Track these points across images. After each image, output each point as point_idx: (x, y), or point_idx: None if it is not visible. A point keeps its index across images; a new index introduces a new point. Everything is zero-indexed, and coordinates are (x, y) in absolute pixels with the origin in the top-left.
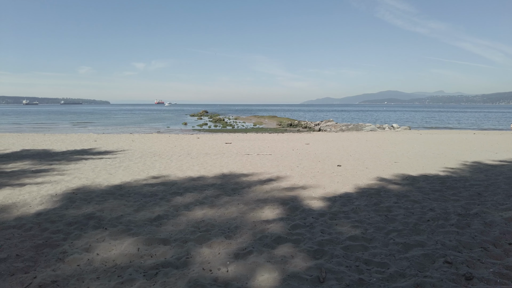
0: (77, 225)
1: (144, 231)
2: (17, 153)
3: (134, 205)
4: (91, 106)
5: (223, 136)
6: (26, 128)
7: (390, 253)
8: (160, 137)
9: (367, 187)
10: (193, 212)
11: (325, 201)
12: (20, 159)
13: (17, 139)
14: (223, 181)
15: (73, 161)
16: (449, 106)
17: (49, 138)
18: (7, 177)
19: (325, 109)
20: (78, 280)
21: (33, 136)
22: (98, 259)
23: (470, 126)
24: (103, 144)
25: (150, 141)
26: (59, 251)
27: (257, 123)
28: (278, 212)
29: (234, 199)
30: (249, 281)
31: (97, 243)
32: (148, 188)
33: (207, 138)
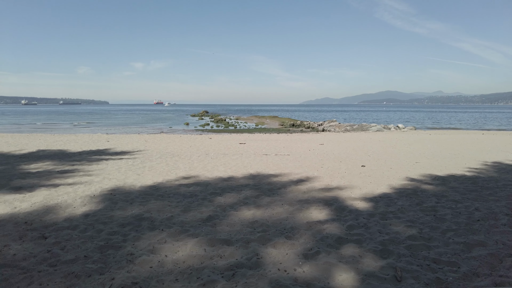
0: (130, 227)
1: (202, 232)
2: (34, 154)
3: (179, 206)
4: (90, 106)
5: (234, 137)
6: (30, 129)
7: (455, 252)
8: (172, 138)
9: (401, 187)
10: (241, 212)
11: (367, 201)
12: (40, 160)
13: (28, 139)
14: (255, 182)
15: (94, 162)
16: (449, 106)
17: (60, 138)
18: (36, 177)
19: (324, 109)
20: (158, 282)
21: (43, 136)
22: (168, 261)
23: (473, 127)
24: (117, 144)
25: (163, 141)
26: (125, 252)
27: (259, 123)
28: (326, 213)
29: (275, 200)
30: (329, 280)
31: (159, 244)
32: (184, 188)
33: (220, 139)
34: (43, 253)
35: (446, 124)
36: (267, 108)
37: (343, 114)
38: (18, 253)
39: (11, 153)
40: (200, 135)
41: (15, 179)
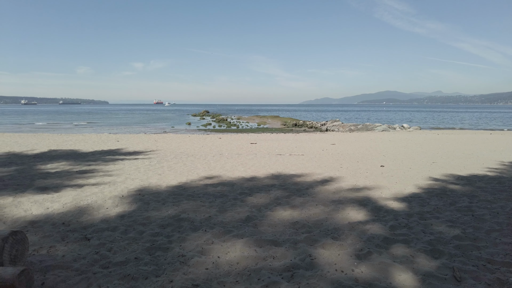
0: (171, 228)
1: (246, 233)
2: (46, 154)
3: (213, 206)
4: (90, 106)
5: (243, 137)
6: (35, 129)
7: (506, 252)
8: (181, 138)
9: (429, 187)
10: (278, 212)
11: (400, 201)
12: (54, 160)
13: (37, 139)
14: (280, 182)
15: (110, 162)
16: (449, 106)
17: (69, 138)
18: (57, 177)
19: (325, 109)
20: (219, 284)
21: (51, 136)
22: (222, 262)
23: (476, 127)
24: (128, 144)
25: (173, 141)
26: (175, 254)
27: (261, 123)
28: (364, 214)
29: (308, 200)
30: (390, 280)
31: (207, 245)
32: (211, 188)
33: (230, 139)
34: (91, 254)
35: (449, 124)
36: (267, 108)
37: (344, 114)
38: (66, 255)
39: (24, 153)
40: (208, 135)
41: (37, 179)
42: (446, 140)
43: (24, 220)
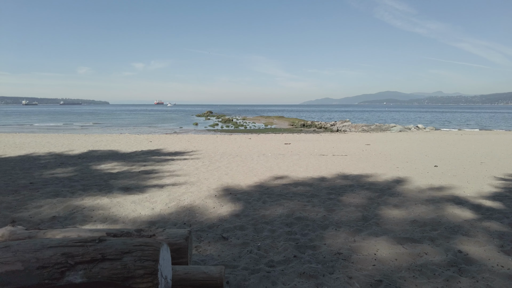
0: (299, 226)
1: (378, 231)
2: (89, 154)
3: (316, 205)
4: (91, 106)
5: (273, 137)
6: (47, 129)
7: None
8: (210, 138)
9: (505, 186)
10: (387, 211)
11: (492, 200)
12: (103, 160)
13: (67, 139)
14: (354, 182)
15: (162, 162)
16: (451, 106)
17: (98, 138)
18: (126, 178)
19: (327, 109)
20: (400, 279)
21: (78, 136)
22: (383, 259)
23: (496, 127)
24: (163, 144)
25: (206, 142)
26: (328, 252)
27: (268, 123)
28: (469, 212)
29: (403, 200)
30: None
31: (352, 243)
32: (293, 188)
33: (260, 139)
34: (246, 253)
35: (458, 124)
36: (268, 109)
37: (347, 114)
38: (220, 254)
39: (66, 154)
40: (231, 135)
41: (110, 180)
42: (475, 140)
43: (141, 220)
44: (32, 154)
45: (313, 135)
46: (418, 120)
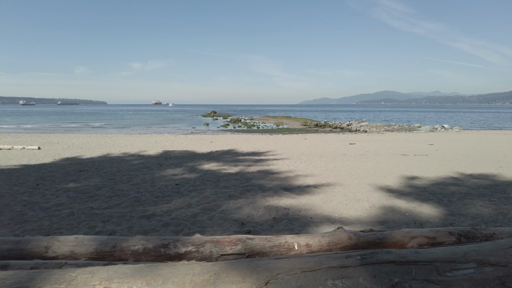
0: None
1: None
2: (169, 154)
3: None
4: (89, 106)
5: (326, 137)
6: (71, 130)
7: None
8: (263, 139)
9: None
10: None
11: None
12: (196, 161)
13: (119, 140)
14: (492, 181)
15: (261, 162)
16: (451, 106)
17: (152, 139)
18: (264, 179)
19: (329, 109)
20: None
21: (126, 137)
22: None
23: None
24: (230, 145)
25: (263, 141)
26: None
27: (278, 123)
28: None
29: None
30: None
31: None
32: (453, 187)
33: (316, 139)
34: None
35: (470, 124)
36: (268, 108)
37: (350, 114)
38: None
39: (143, 154)
40: (272, 135)
41: (251, 181)
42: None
43: (355, 220)
44: (111, 155)
45: (355, 135)
46: (427, 120)
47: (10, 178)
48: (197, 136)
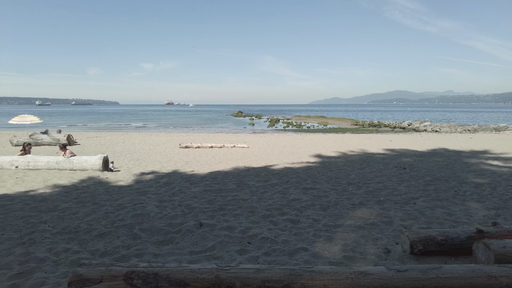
0: None
1: None
2: (434, 153)
3: None
4: (105, 106)
5: (440, 137)
6: (133, 129)
7: None
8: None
9: None
10: None
11: None
12: None
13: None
14: None
15: None
16: (469, 106)
17: (281, 138)
18: None
19: (353, 109)
20: None
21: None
22: None
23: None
24: (416, 145)
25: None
26: None
27: (321, 123)
28: None
29: None
30: None
31: None
32: None
33: (438, 138)
34: None
35: None
36: (284, 108)
37: (374, 114)
38: None
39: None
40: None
41: None
42: None
43: None
44: (349, 154)
45: (443, 136)
46: (471, 120)
47: None
48: (298, 136)
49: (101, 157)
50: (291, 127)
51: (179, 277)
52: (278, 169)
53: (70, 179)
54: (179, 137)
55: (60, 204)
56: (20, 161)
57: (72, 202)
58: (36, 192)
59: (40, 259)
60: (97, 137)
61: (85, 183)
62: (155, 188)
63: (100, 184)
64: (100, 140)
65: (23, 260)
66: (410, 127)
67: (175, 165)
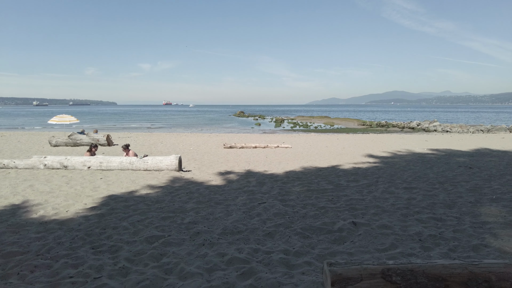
0: None
1: None
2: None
3: None
4: (100, 107)
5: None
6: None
7: None
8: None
9: None
10: None
11: None
12: None
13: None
14: None
15: None
16: (468, 106)
17: (313, 138)
18: None
19: (353, 109)
20: None
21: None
22: None
23: None
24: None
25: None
26: None
27: (327, 123)
28: None
29: None
30: None
31: None
32: None
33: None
34: None
35: None
36: (284, 109)
37: (373, 114)
38: None
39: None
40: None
41: None
42: None
43: None
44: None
45: (459, 136)
46: (474, 120)
47: None
48: (328, 136)
49: (176, 157)
50: (298, 127)
51: (434, 272)
52: (349, 169)
53: (156, 180)
54: (208, 138)
55: (183, 205)
56: (92, 162)
57: (192, 202)
58: (139, 192)
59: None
60: (129, 137)
61: (176, 183)
62: (253, 187)
63: (193, 183)
64: (134, 140)
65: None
66: (419, 127)
67: (242, 165)
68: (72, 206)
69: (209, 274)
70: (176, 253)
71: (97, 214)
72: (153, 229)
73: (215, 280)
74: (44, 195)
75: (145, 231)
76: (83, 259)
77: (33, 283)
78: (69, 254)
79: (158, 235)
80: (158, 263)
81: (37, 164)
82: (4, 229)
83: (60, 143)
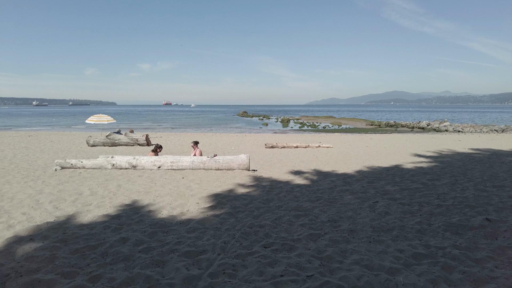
0: None
1: None
2: None
3: None
4: (100, 107)
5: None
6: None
7: None
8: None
9: None
10: None
11: None
12: None
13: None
14: None
15: None
16: (467, 106)
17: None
18: None
19: (353, 109)
20: None
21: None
22: None
23: None
24: None
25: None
26: None
27: (335, 123)
28: None
29: None
30: None
31: None
32: None
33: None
34: None
35: None
36: (284, 109)
37: (373, 115)
38: None
39: None
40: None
41: None
42: None
43: None
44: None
45: (475, 136)
46: (477, 120)
47: None
48: (359, 136)
49: (247, 156)
50: (306, 127)
51: None
52: (413, 168)
53: (240, 178)
54: (242, 138)
55: (300, 204)
56: (162, 161)
57: (304, 201)
58: (238, 191)
59: None
60: (161, 137)
61: (262, 182)
62: (342, 186)
63: (279, 182)
64: (166, 140)
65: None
66: (429, 127)
67: (301, 164)
68: (186, 206)
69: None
70: (354, 250)
71: (227, 212)
72: (309, 228)
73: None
74: (144, 195)
75: (304, 229)
76: (271, 258)
77: (251, 281)
78: (252, 253)
79: (315, 234)
80: (344, 258)
81: (104, 164)
82: (148, 228)
83: (97, 143)
